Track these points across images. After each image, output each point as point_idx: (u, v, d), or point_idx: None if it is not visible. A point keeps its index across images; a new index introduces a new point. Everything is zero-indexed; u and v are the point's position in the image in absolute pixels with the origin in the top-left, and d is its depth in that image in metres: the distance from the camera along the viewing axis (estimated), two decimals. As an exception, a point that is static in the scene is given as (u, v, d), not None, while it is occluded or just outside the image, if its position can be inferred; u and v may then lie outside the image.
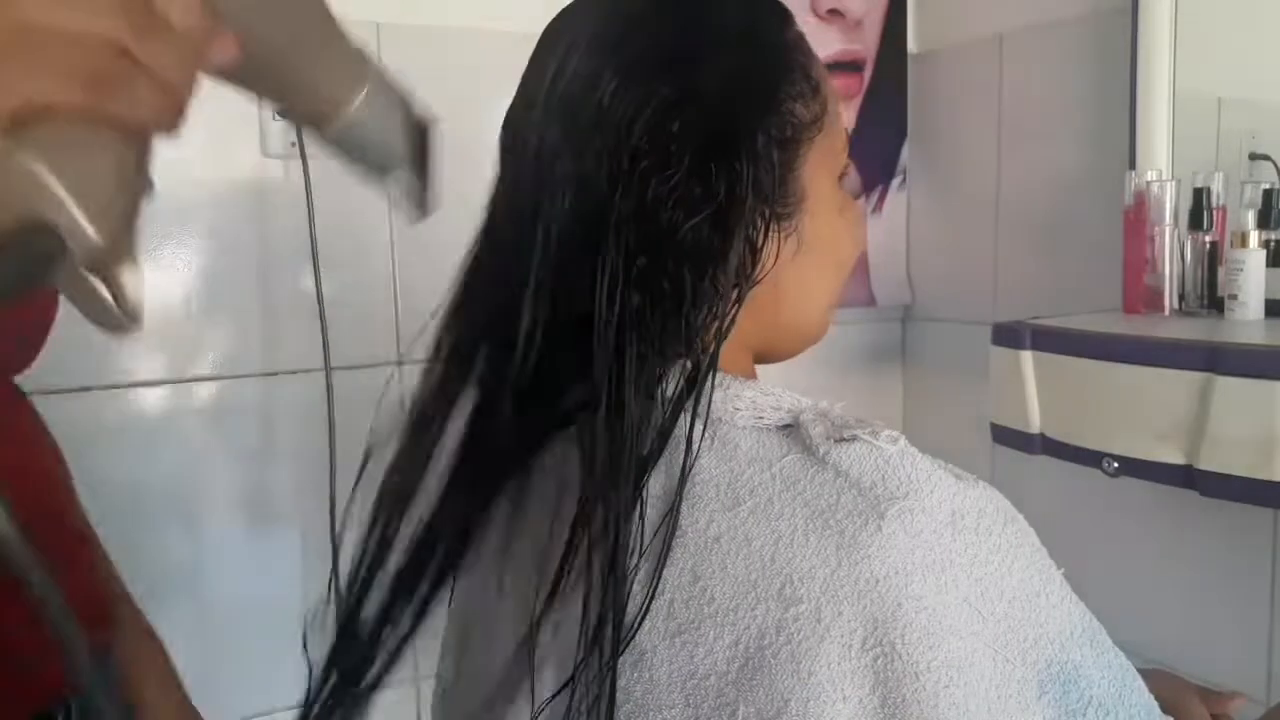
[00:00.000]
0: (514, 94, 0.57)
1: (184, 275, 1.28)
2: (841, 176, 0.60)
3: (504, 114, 0.58)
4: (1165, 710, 0.51)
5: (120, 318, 0.36)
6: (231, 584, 1.34)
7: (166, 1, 0.36)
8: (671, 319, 0.50)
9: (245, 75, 0.47)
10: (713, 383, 0.51)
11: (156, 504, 1.28)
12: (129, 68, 0.35)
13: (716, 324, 0.51)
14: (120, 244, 0.36)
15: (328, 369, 1.31)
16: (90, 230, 0.34)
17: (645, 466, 0.49)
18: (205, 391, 1.30)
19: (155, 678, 0.81)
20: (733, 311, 0.51)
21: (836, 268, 0.60)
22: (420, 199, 0.59)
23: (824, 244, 0.57)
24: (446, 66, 1.39)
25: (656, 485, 0.51)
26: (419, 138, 0.57)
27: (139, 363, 1.26)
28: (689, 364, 0.51)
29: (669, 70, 0.51)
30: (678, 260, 0.50)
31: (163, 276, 1.27)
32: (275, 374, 1.34)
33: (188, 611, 1.33)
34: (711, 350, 0.51)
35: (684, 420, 0.51)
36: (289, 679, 1.43)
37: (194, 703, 1.33)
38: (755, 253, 0.52)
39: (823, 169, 0.57)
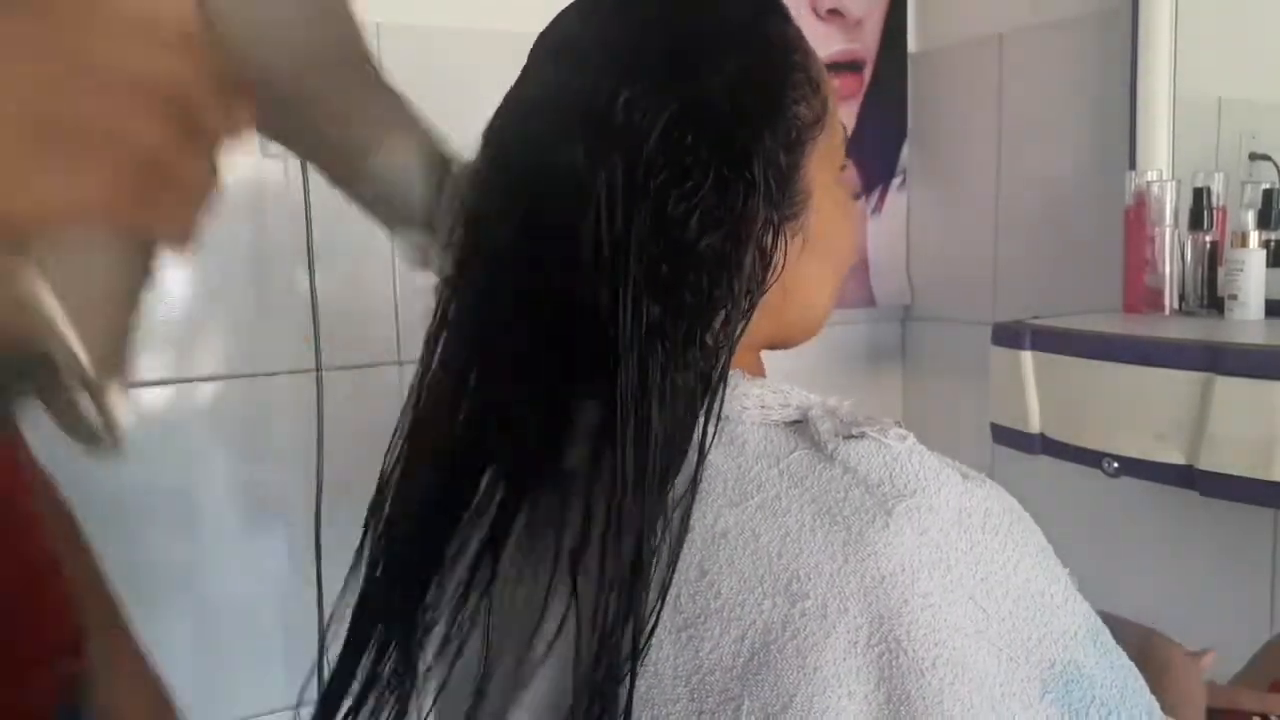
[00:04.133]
0: (502, 104, 0.56)
1: (181, 275, 1.28)
2: (841, 169, 0.60)
3: (489, 124, 0.57)
4: (1167, 711, 0.51)
5: (103, 436, 0.35)
6: (228, 584, 1.34)
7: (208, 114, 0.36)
8: (690, 328, 0.50)
9: (275, 129, 0.48)
10: (724, 386, 0.51)
11: (152, 505, 1.28)
12: (163, 176, 0.34)
13: (729, 329, 0.51)
14: (113, 366, 0.35)
15: (319, 370, 1.30)
16: (84, 358, 0.33)
17: (668, 475, 0.49)
18: (202, 392, 1.30)
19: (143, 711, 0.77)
20: (746, 317, 0.52)
21: (838, 262, 0.61)
22: (426, 253, 0.57)
23: (827, 239, 0.57)
24: (446, 66, 1.39)
25: None
26: (439, 188, 0.55)
27: (135, 362, 1.26)
28: (702, 369, 0.51)
29: (678, 79, 0.50)
30: (697, 270, 0.50)
31: (160, 276, 1.27)
32: (274, 374, 1.34)
33: (185, 612, 1.32)
34: (724, 356, 0.51)
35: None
36: (286, 679, 1.44)
37: (194, 703, 1.32)
38: (766, 257, 0.52)
39: (824, 166, 0.57)
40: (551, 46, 0.56)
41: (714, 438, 0.50)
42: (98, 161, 0.32)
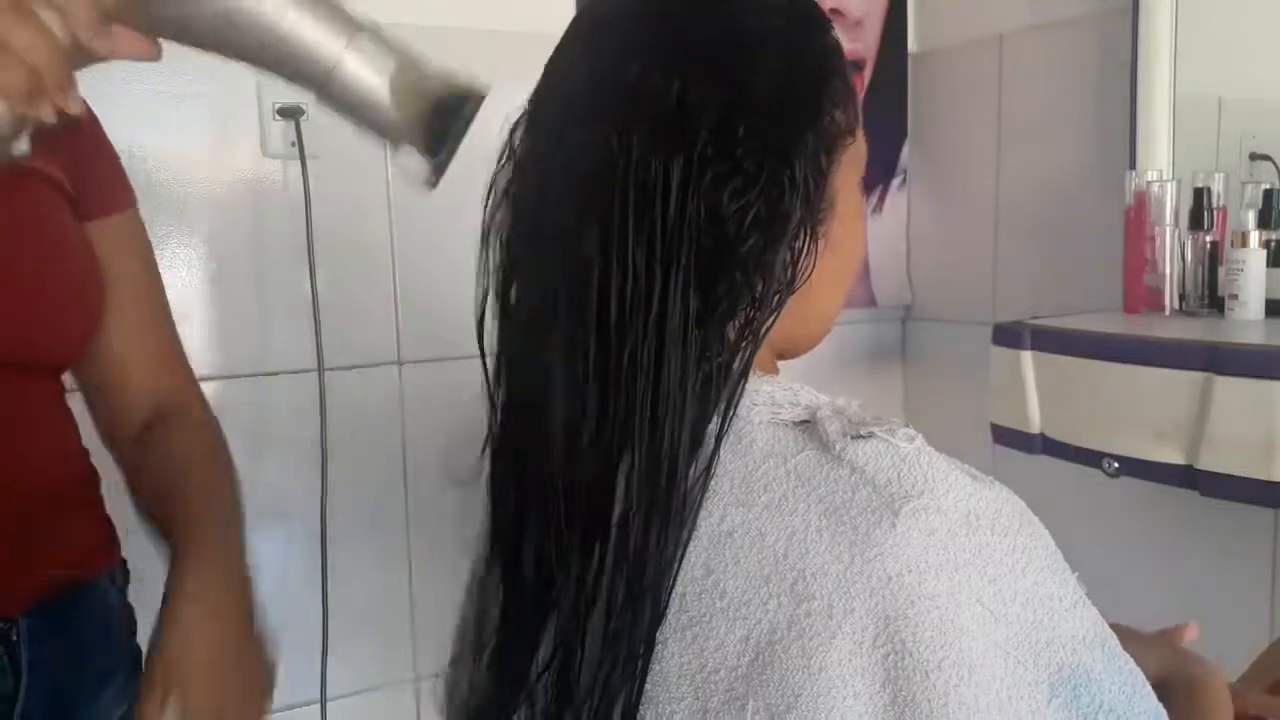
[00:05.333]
0: (540, 91, 0.56)
1: (183, 275, 1.28)
2: (860, 180, 0.60)
3: (530, 109, 0.57)
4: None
5: None
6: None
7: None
8: (720, 321, 0.50)
9: (230, 50, 0.54)
10: (743, 386, 0.51)
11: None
12: None
13: (753, 326, 0.51)
14: None
15: (320, 369, 1.30)
16: None
17: (687, 467, 0.49)
18: (205, 391, 1.30)
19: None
20: (773, 317, 0.52)
21: (851, 269, 0.61)
22: (426, 172, 0.59)
23: (844, 247, 0.58)
24: (447, 67, 1.39)
25: None
26: (436, 107, 0.57)
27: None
28: (722, 362, 0.51)
29: (728, 75, 0.51)
30: (737, 265, 0.50)
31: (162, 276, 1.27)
32: (276, 374, 1.33)
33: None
34: (749, 351, 0.51)
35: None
36: (287, 678, 1.43)
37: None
38: (797, 258, 0.52)
39: (849, 175, 0.57)
40: (597, 28, 0.56)
41: (724, 433, 0.50)
42: None
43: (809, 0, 0.57)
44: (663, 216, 0.49)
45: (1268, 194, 1.19)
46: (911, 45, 1.71)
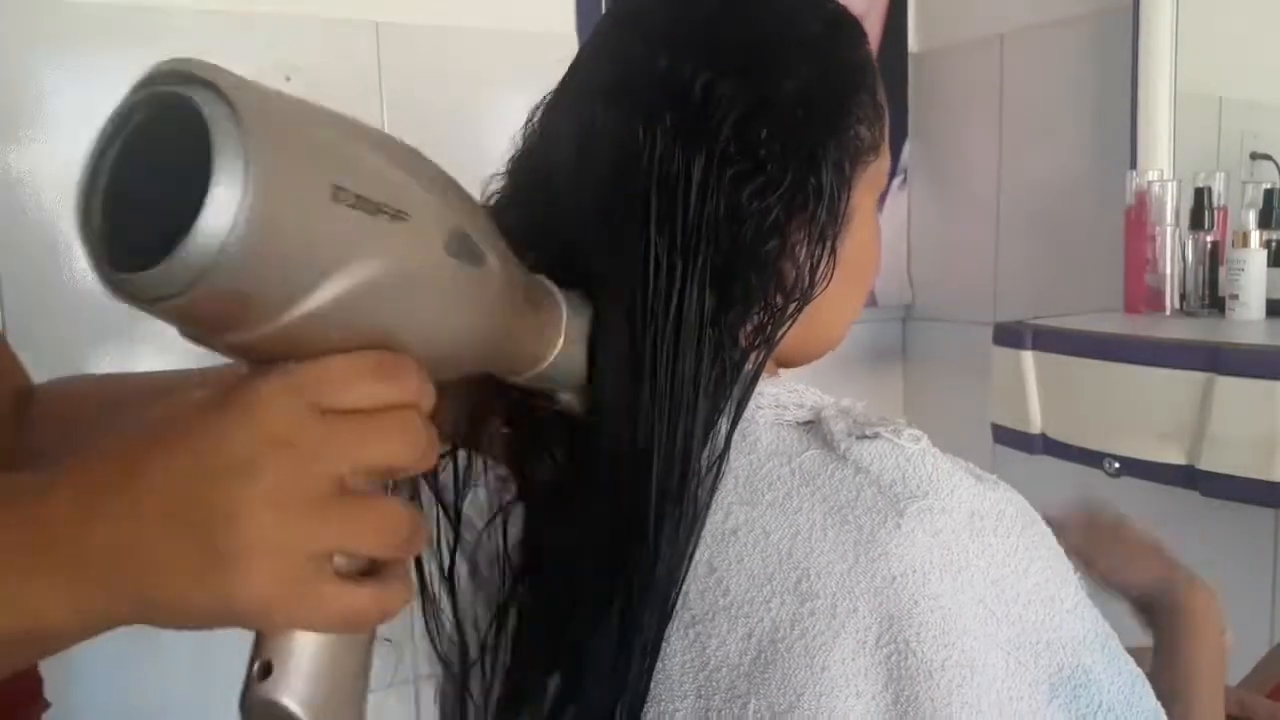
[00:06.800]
0: (568, 75, 0.56)
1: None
2: (880, 201, 0.60)
3: (558, 91, 0.56)
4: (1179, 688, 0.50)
5: None
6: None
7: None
8: (732, 323, 0.50)
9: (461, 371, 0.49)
10: (752, 390, 0.51)
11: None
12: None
13: (765, 332, 0.51)
14: None
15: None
16: None
17: (691, 465, 0.49)
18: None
19: None
20: (788, 324, 0.51)
21: (863, 288, 0.61)
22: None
23: (859, 264, 0.57)
24: (446, 66, 1.39)
25: None
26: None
27: (135, 363, 1.26)
28: (732, 363, 0.50)
29: (755, 73, 0.50)
30: (753, 267, 0.50)
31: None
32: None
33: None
34: (762, 356, 0.51)
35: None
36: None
37: (189, 707, 1.32)
38: (814, 269, 0.52)
39: (869, 193, 0.57)
40: (630, 19, 0.55)
41: (730, 434, 0.50)
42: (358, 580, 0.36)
43: (850, 14, 0.57)
44: (684, 210, 0.48)
45: (1268, 193, 1.19)
46: (911, 45, 1.71)
